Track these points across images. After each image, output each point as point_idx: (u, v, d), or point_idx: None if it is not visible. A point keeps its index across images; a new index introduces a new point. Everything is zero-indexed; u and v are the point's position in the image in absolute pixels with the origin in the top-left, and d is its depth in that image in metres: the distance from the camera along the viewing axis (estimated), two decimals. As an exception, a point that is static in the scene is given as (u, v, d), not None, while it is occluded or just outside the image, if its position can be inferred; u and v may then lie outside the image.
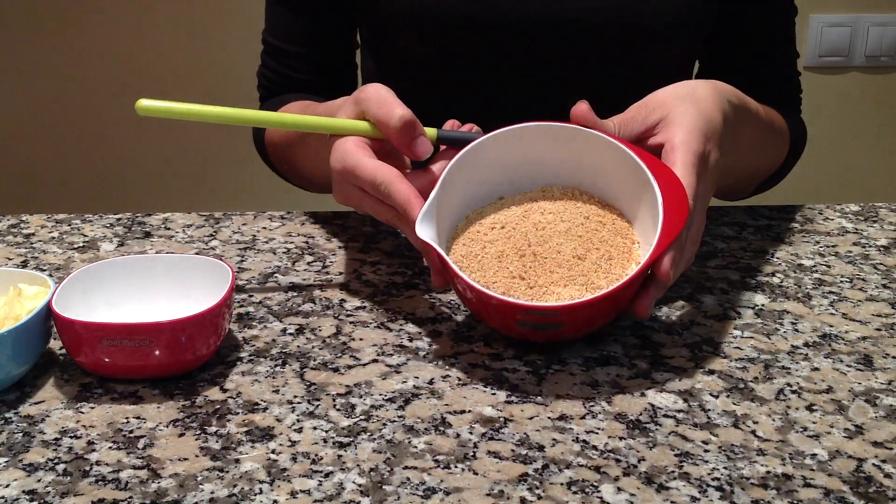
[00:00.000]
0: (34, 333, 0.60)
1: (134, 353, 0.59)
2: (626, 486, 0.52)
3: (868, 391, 0.62)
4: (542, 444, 0.56)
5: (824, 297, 0.75)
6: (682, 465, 0.54)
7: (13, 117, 2.17)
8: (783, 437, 0.57)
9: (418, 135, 0.67)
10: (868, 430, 0.57)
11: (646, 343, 0.67)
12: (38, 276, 0.65)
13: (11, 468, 0.53)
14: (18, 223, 0.90)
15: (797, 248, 0.84)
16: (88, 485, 0.52)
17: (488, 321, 0.66)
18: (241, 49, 2.10)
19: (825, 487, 0.52)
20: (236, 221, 0.90)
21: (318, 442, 0.56)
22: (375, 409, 0.59)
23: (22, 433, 0.57)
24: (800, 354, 0.66)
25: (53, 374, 0.63)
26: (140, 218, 0.91)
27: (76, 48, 2.11)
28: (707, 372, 0.64)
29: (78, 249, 0.84)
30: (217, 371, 0.63)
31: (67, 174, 2.20)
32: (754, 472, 0.53)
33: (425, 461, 0.54)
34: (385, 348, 0.67)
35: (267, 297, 0.74)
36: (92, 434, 0.57)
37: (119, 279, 0.68)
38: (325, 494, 0.51)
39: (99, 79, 2.13)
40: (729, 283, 0.77)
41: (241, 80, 2.13)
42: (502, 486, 0.52)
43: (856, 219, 0.91)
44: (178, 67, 2.12)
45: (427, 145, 0.68)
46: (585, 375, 0.63)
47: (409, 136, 0.67)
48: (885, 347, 0.67)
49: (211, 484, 0.52)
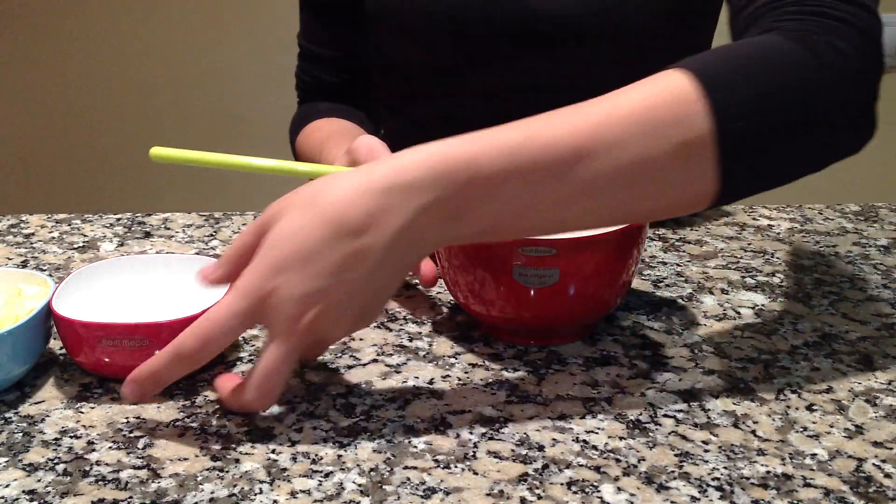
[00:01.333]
0: (34, 333, 0.60)
1: (134, 353, 0.59)
2: (626, 486, 0.52)
3: (868, 391, 0.62)
4: (542, 444, 0.56)
5: (824, 297, 0.75)
6: (682, 465, 0.54)
7: (13, 117, 2.17)
8: (783, 437, 0.57)
9: None
10: (868, 430, 0.57)
11: (646, 343, 0.67)
12: (38, 276, 0.65)
13: (11, 468, 0.53)
14: (18, 223, 0.90)
15: (797, 248, 0.84)
16: (88, 485, 0.52)
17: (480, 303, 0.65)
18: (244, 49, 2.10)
19: (825, 487, 0.52)
20: (236, 221, 0.90)
21: (318, 442, 0.56)
22: (375, 409, 0.59)
23: (22, 433, 0.57)
24: (800, 354, 0.66)
25: (53, 374, 0.63)
26: (140, 218, 0.91)
27: (77, 48, 2.11)
28: (707, 372, 0.64)
29: (78, 249, 0.84)
30: (217, 371, 0.63)
31: (67, 174, 2.20)
32: (754, 472, 0.53)
33: (425, 461, 0.54)
34: (385, 348, 0.67)
35: (267, 297, 0.74)
36: (92, 434, 0.56)
37: (119, 279, 0.68)
38: (325, 494, 0.51)
39: (99, 79, 2.13)
40: (729, 283, 0.77)
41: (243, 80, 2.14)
42: (502, 486, 0.52)
43: (856, 219, 0.91)
44: (179, 67, 2.12)
45: None
46: (585, 375, 0.63)
47: None
48: (885, 347, 0.67)
49: (211, 484, 0.52)
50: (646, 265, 0.81)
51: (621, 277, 0.65)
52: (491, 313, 0.66)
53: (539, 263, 0.62)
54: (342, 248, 0.53)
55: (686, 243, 0.86)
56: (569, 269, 0.62)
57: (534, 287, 0.63)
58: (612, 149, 0.54)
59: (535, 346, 0.67)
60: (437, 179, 0.53)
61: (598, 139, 0.54)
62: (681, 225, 0.90)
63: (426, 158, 0.53)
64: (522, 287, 0.63)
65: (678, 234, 0.88)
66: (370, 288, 0.54)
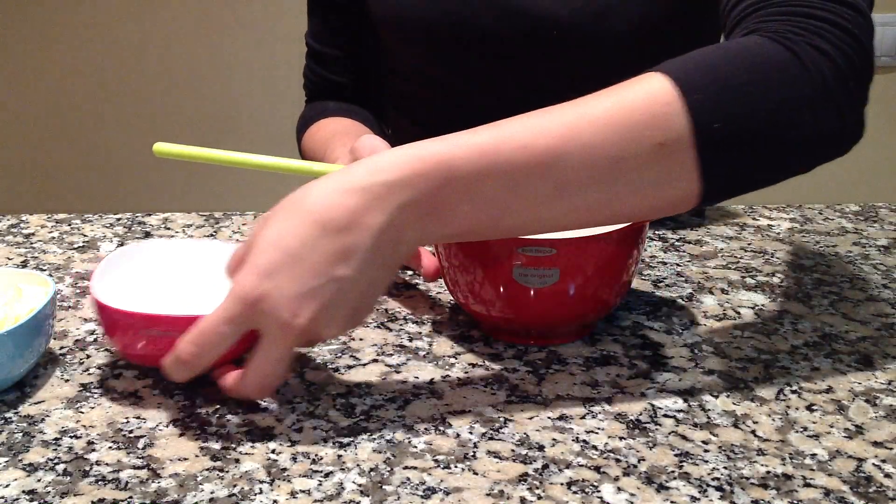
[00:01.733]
0: (34, 333, 0.60)
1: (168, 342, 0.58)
2: (626, 486, 0.52)
3: (868, 391, 0.62)
4: (542, 444, 0.56)
5: (824, 297, 0.75)
6: (682, 465, 0.54)
7: (13, 117, 2.17)
8: (783, 437, 0.57)
9: None
10: (868, 430, 0.57)
11: (646, 343, 0.67)
12: (38, 275, 0.65)
13: (11, 468, 0.53)
14: (18, 223, 0.90)
15: (797, 248, 0.84)
16: (88, 485, 0.52)
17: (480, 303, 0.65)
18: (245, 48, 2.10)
19: (825, 487, 0.52)
20: (236, 221, 0.90)
21: (318, 442, 0.56)
22: (375, 409, 0.59)
23: (22, 433, 0.57)
24: (800, 354, 0.66)
25: (53, 374, 0.63)
26: (140, 218, 0.91)
27: (77, 48, 2.11)
28: (707, 372, 0.64)
29: (78, 249, 0.84)
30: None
31: (67, 174, 2.20)
32: (754, 472, 0.53)
33: (425, 461, 0.54)
34: (385, 348, 0.67)
35: (267, 297, 0.74)
36: (92, 434, 0.56)
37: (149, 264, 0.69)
38: (325, 494, 0.51)
39: (99, 78, 2.13)
40: (729, 283, 0.77)
41: (244, 80, 2.14)
42: (502, 486, 0.52)
43: (856, 219, 0.91)
44: (179, 67, 2.12)
45: None
46: (585, 375, 0.63)
47: None
48: (885, 347, 0.67)
49: (211, 484, 0.52)
50: (646, 265, 0.81)
51: (621, 277, 0.65)
52: (491, 313, 0.66)
53: (539, 263, 0.62)
54: (328, 246, 0.53)
55: (686, 243, 0.86)
56: (569, 269, 0.62)
57: (534, 287, 0.63)
58: (585, 149, 0.54)
59: (535, 346, 0.67)
60: (412, 178, 0.54)
61: (572, 140, 0.54)
62: (681, 225, 0.90)
63: (403, 158, 0.54)
64: (522, 287, 0.63)
65: (678, 234, 0.88)
66: (360, 285, 0.55)
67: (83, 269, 0.80)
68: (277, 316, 0.53)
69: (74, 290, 0.75)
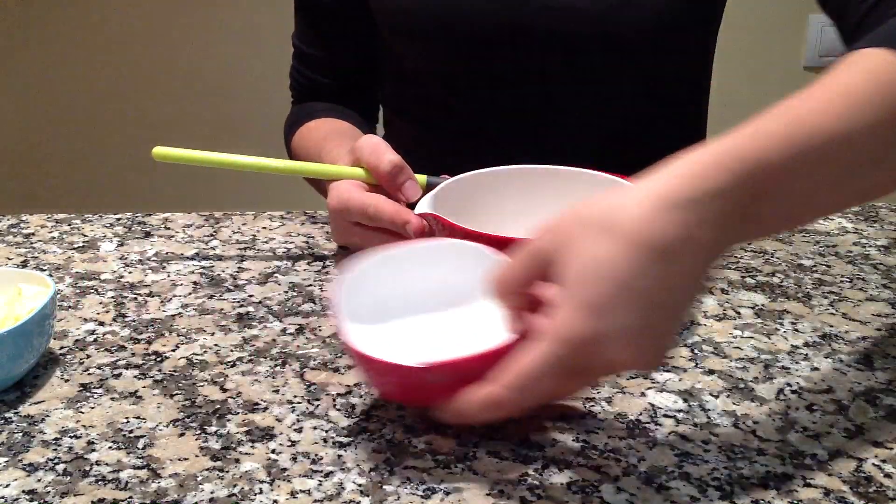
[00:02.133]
0: (34, 333, 0.60)
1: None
2: (626, 486, 0.52)
3: (868, 391, 0.62)
4: (542, 444, 0.56)
5: (824, 297, 0.75)
6: (682, 465, 0.54)
7: (13, 117, 2.17)
8: (783, 437, 0.57)
9: (407, 178, 0.72)
10: (868, 430, 0.57)
11: (646, 343, 0.67)
12: (38, 275, 0.65)
13: (11, 468, 0.53)
14: (18, 223, 0.90)
15: (797, 248, 0.84)
16: (88, 485, 0.52)
17: None
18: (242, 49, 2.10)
19: (825, 487, 0.52)
20: (236, 221, 0.90)
21: (318, 442, 0.56)
22: (375, 409, 0.59)
23: (22, 433, 0.57)
24: (800, 354, 0.66)
25: (53, 374, 0.63)
26: (140, 218, 0.91)
27: (77, 48, 2.11)
28: (707, 372, 0.64)
29: (78, 249, 0.84)
30: (217, 371, 0.63)
31: (67, 174, 2.20)
32: (754, 472, 0.53)
33: (425, 461, 0.54)
34: (385, 348, 0.67)
35: (267, 297, 0.74)
36: (92, 434, 0.56)
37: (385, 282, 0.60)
38: (325, 494, 0.51)
39: (99, 79, 2.13)
40: (729, 283, 0.77)
41: (243, 80, 2.14)
42: (502, 486, 0.52)
43: (856, 219, 0.91)
44: (179, 67, 2.12)
45: (416, 188, 0.72)
46: (585, 375, 0.63)
47: (399, 180, 0.71)
48: (885, 347, 0.67)
49: (211, 484, 0.52)
50: (646, 265, 0.81)
51: None
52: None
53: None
54: (661, 272, 0.47)
55: (686, 243, 0.85)
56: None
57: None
58: (868, 129, 0.52)
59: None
60: (735, 183, 0.48)
61: (850, 120, 0.52)
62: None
63: (721, 162, 0.48)
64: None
65: (678, 234, 0.88)
66: (684, 310, 0.49)
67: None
68: (615, 356, 0.48)
69: (75, 291, 0.75)
